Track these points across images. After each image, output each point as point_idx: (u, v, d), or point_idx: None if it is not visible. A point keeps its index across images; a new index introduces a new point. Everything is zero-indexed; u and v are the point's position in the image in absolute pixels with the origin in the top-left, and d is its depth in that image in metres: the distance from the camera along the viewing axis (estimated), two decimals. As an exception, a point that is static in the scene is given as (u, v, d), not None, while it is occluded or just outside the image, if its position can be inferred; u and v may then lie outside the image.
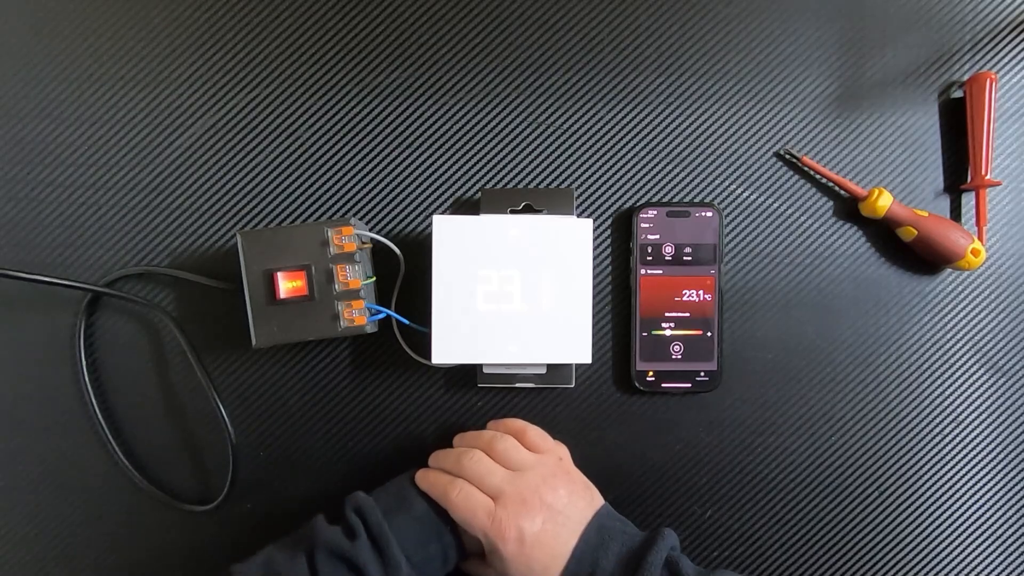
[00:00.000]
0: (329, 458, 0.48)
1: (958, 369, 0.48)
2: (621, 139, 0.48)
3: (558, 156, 0.48)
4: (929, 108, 0.48)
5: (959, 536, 0.49)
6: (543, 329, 0.44)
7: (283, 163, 0.48)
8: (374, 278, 0.46)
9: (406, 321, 0.45)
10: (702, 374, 0.47)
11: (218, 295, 0.47)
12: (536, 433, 0.43)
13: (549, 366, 0.46)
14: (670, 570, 0.37)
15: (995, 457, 0.49)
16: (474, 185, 0.48)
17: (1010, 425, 0.48)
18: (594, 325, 0.47)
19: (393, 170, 0.48)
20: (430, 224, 0.44)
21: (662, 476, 0.48)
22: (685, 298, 0.47)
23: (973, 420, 0.48)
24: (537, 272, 0.44)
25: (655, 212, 0.47)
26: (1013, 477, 0.49)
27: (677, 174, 0.48)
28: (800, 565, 0.49)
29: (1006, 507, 0.49)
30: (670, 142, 0.48)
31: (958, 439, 0.48)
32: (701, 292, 0.47)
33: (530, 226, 0.44)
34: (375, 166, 0.48)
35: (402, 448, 0.48)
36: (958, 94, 0.48)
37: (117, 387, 0.48)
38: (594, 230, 0.48)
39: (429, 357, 0.43)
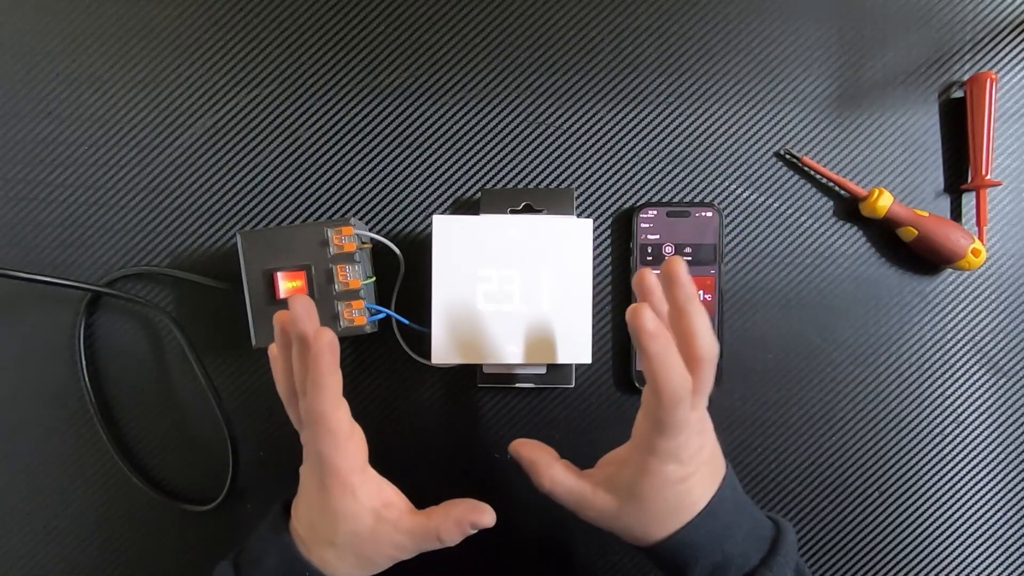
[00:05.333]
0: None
1: (958, 369, 0.48)
2: (621, 139, 0.48)
3: (558, 156, 0.48)
4: (929, 108, 0.48)
5: (959, 536, 0.49)
6: (543, 329, 0.44)
7: (283, 163, 0.48)
8: (374, 278, 0.46)
9: (406, 321, 0.45)
10: (702, 374, 0.47)
11: (218, 295, 0.47)
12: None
13: (549, 366, 0.46)
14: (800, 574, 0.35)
15: (995, 457, 0.49)
16: (474, 185, 0.48)
17: (1010, 425, 0.48)
18: (594, 325, 0.47)
19: (393, 170, 0.48)
20: (430, 224, 0.44)
21: (662, 476, 0.48)
22: (685, 298, 0.47)
23: (973, 420, 0.48)
24: (537, 272, 0.44)
25: (655, 212, 0.47)
26: (1013, 477, 0.49)
27: (677, 174, 0.48)
28: (800, 565, 0.49)
29: (1006, 507, 0.49)
30: (670, 142, 0.48)
31: (958, 439, 0.48)
32: (701, 292, 0.47)
33: (530, 226, 0.44)
34: (375, 166, 0.48)
35: (402, 448, 0.48)
36: (958, 94, 0.48)
37: (117, 387, 0.48)
38: (594, 230, 0.48)
39: (429, 357, 0.43)
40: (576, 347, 0.44)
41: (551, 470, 0.37)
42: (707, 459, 0.35)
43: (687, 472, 0.34)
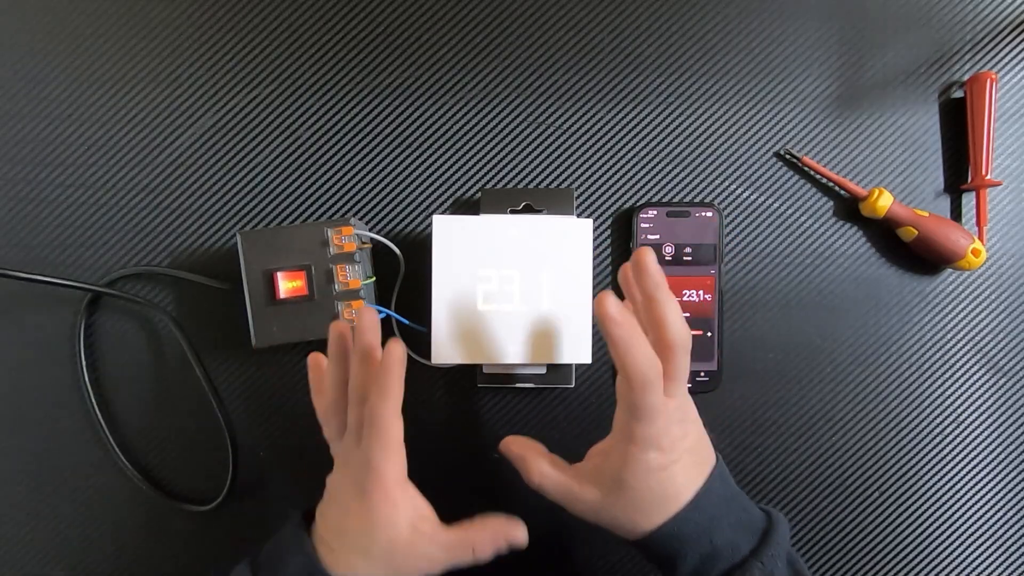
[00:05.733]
0: (329, 458, 0.48)
1: (958, 369, 0.48)
2: (621, 139, 0.48)
3: (558, 156, 0.48)
4: (929, 108, 0.48)
5: (959, 536, 0.49)
6: (543, 329, 0.44)
7: (283, 163, 0.48)
8: (374, 278, 0.46)
9: (406, 321, 0.45)
10: (702, 374, 0.47)
11: (218, 295, 0.47)
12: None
13: (549, 366, 0.46)
14: (792, 566, 0.35)
15: (995, 457, 0.49)
16: (474, 185, 0.48)
17: (1010, 425, 0.48)
18: (594, 325, 0.47)
19: (393, 170, 0.48)
20: (430, 224, 0.44)
21: (662, 476, 0.48)
22: (685, 298, 0.47)
23: (973, 420, 0.48)
24: (537, 272, 0.44)
25: (655, 212, 0.47)
26: (1013, 477, 0.49)
27: (677, 174, 0.48)
28: (800, 565, 0.49)
29: (1006, 507, 0.49)
30: (670, 142, 0.48)
31: (958, 439, 0.48)
32: (701, 292, 0.47)
33: (530, 226, 0.44)
34: (375, 166, 0.48)
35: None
36: (958, 94, 0.48)
37: (117, 387, 0.48)
38: (594, 230, 0.48)
39: (429, 357, 0.43)
40: (576, 347, 0.44)
41: (539, 464, 0.37)
42: (690, 447, 0.35)
43: (669, 460, 0.34)
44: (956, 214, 0.48)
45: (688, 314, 0.47)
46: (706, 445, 0.36)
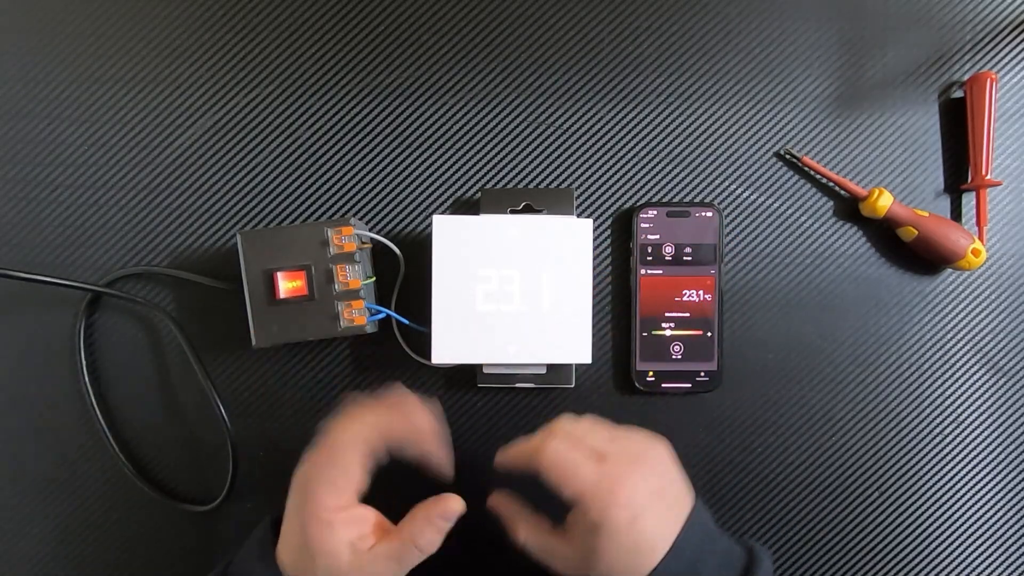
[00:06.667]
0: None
1: (958, 369, 0.48)
2: (621, 139, 0.48)
3: (558, 156, 0.48)
4: (929, 108, 0.48)
5: (959, 536, 0.49)
6: (543, 329, 0.44)
7: (283, 163, 0.48)
8: (374, 278, 0.46)
9: (406, 321, 0.45)
10: (702, 374, 0.47)
11: (218, 295, 0.47)
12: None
13: (549, 366, 0.46)
14: None
15: (995, 457, 0.49)
16: (474, 185, 0.48)
17: (1010, 425, 0.48)
18: (594, 325, 0.47)
19: (393, 170, 0.48)
20: (430, 224, 0.44)
21: (662, 476, 0.48)
22: (685, 298, 0.47)
23: (973, 420, 0.48)
24: (537, 272, 0.44)
25: (655, 212, 0.47)
26: (1013, 477, 0.49)
27: (677, 174, 0.48)
28: (800, 565, 0.49)
29: (1006, 507, 0.49)
30: (670, 142, 0.48)
31: (958, 439, 0.48)
32: (701, 292, 0.47)
33: (530, 226, 0.44)
34: (375, 166, 0.48)
35: (402, 448, 0.48)
36: (958, 94, 0.48)
37: (117, 387, 0.48)
38: (594, 230, 0.48)
39: (429, 357, 0.43)
40: (576, 347, 0.44)
41: (524, 527, 0.38)
42: (651, 498, 0.34)
43: (632, 514, 0.34)
44: (956, 214, 0.48)
45: (688, 314, 0.47)
46: (679, 488, 0.36)
